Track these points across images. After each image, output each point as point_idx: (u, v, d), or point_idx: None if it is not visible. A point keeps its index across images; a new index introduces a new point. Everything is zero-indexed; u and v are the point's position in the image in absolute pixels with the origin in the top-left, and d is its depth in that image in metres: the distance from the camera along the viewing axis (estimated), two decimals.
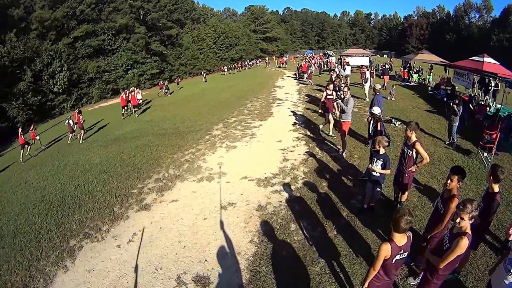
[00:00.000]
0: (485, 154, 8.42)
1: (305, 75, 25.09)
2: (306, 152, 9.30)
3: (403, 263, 3.49)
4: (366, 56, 31.03)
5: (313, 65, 29.89)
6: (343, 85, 10.62)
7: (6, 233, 6.75)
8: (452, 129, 9.41)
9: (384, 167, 5.27)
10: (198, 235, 5.76)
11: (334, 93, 10.38)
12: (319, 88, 20.63)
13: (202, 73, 42.93)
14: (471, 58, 15.38)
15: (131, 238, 5.89)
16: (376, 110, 7.50)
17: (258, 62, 57.26)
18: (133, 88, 26.30)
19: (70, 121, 15.71)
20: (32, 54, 31.07)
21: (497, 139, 8.56)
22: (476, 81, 16.44)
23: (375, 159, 5.39)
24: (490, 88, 15.97)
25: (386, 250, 3.03)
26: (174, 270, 4.94)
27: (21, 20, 32.97)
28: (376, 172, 5.35)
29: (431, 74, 23.74)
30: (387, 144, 5.38)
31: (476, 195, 6.12)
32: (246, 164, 8.76)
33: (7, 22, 31.17)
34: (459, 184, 3.96)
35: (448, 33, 64.78)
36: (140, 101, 22.53)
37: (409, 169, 5.42)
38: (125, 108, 20.47)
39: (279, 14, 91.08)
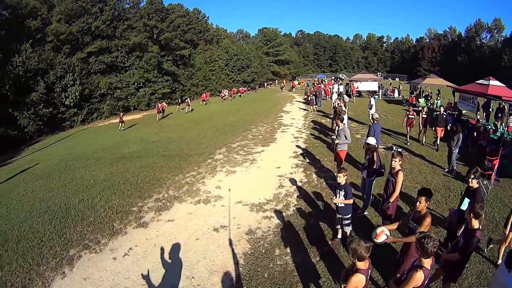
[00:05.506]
0: (485, 182, 8.20)
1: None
2: (302, 179, 9.50)
3: None
4: (375, 81, 31.17)
5: (321, 90, 28.56)
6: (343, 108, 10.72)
7: (10, 237, 7.24)
8: (452, 156, 9.29)
9: (346, 197, 5.44)
10: (189, 253, 6.06)
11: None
12: (325, 114, 20.91)
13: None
14: (477, 81, 15.36)
15: (127, 252, 6.27)
16: (372, 140, 7.04)
17: (270, 85, 58.09)
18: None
19: None
20: (46, 66, 31.16)
21: (497, 166, 8.39)
22: (480, 105, 16.25)
23: (338, 190, 5.56)
24: (490, 110, 15.80)
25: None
26: (162, 284, 5.28)
27: (38, 32, 33.15)
28: (340, 203, 5.53)
29: (439, 98, 23.76)
30: (346, 172, 5.58)
31: None
32: (243, 189, 9.04)
33: (24, 32, 31.48)
34: (427, 204, 4.20)
35: (460, 55, 63.29)
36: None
37: (392, 199, 5.60)
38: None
39: (292, 37, 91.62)
